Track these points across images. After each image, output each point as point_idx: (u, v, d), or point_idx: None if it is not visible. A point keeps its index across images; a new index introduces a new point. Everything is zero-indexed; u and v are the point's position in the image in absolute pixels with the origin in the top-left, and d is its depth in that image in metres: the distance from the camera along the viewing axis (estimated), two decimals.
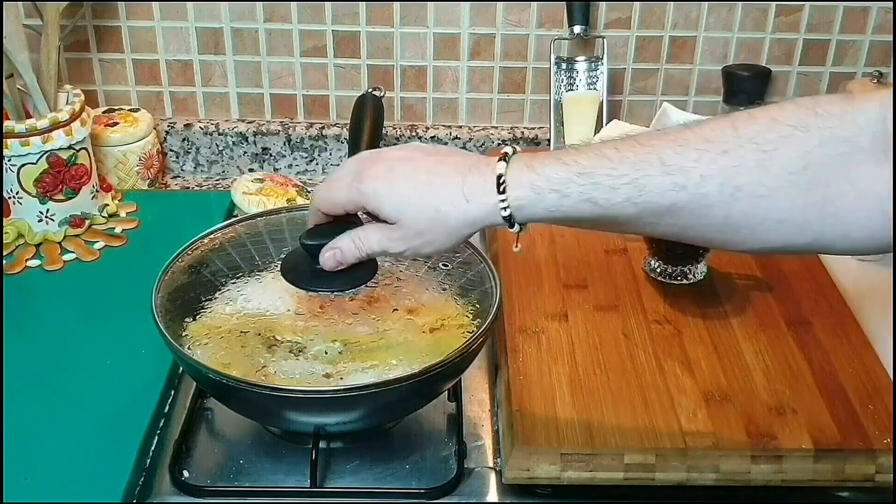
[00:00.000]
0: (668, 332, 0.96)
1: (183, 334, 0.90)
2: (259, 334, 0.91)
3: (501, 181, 0.70)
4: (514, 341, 0.94)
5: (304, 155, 1.38)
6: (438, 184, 0.72)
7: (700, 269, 1.05)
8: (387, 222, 0.74)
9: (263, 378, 0.86)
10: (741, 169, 0.64)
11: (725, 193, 0.64)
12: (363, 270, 0.83)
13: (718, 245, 0.73)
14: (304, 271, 0.83)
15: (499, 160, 0.71)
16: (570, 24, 1.29)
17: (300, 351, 0.89)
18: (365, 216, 0.80)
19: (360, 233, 0.77)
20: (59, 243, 1.14)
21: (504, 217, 0.70)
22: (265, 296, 0.98)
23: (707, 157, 0.65)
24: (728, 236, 0.68)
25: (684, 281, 1.05)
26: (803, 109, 0.64)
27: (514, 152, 0.71)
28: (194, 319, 0.92)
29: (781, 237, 0.66)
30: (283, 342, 0.90)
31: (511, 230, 0.72)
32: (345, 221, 0.79)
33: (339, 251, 0.78)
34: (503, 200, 0.70)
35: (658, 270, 1.05)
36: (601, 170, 0.67)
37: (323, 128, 1.37)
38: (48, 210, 1.14)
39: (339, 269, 0.80)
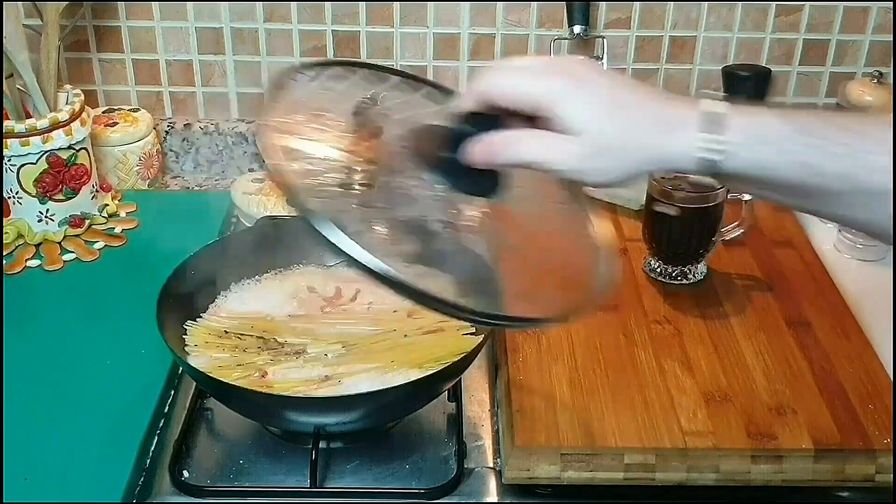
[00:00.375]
0: (668, 332, 0.96)
1: (184, 336, 0.90)
2: (260, 336, 0.91)
3: (711, 119, 0.60)
4: (514, 341, 0.94)
5: None
6: (637, 103, 0.62)
7: (700, 269, 1.05)
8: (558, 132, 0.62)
9: (263, 377, 0.86)
10: None
11: None
12: (494, 180, 0.68)
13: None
14: (431, 157, 0.68)
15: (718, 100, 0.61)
16: (570, 24, 1.29)
17: (300, 353, 0.89)
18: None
19: (523, 134, 0.64)
20: (59, 243, 1.14)
21: (704, 160, 0.60)
22: (266, 298, 0.99)
23: None
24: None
25: (684, 281, 1.05)
26: None
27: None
28: (195, 321, 0.93)
29: None
30: (283, 344, 0.91)
31: (702, 179, 0.63)
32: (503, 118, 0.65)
33: (492, 147, 0.64)
34: (706, 140, 0.60)
35: (658, 270, 1.05)
36: (825, 132, 0.60)
37: None
38: (48, 210, 1.14)
39: (478, 168, 0.65)
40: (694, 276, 1.05)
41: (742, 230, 1.06)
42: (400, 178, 0.70)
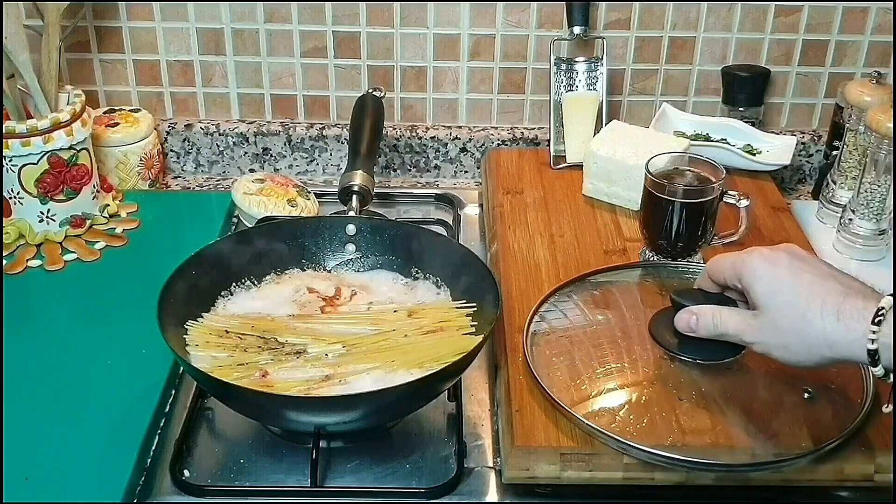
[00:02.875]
0: None
1: (185, 336, 0.91)
2: (260, 336, 0.92)
3: (881, 312, 0.67)
4: (513, 341, 0.94)
5: (305, 155, 1.38)
6: (817, 292, 0.71)
7: (696, 261, 1.06)
8: (752, 309, 0.75)
9: (264, 377, 0.86)
10: None
11: None
12: (730, 347, 0.85)
13: None
14: (671, 332, 0.88)
15: (877, 311, 0.68)
16: (570, 25, 1.29)
17: (300, 353, 0.90)
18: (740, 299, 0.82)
19: (722, 311, 0.79)
20: (60, 243, 1.14)
21: (869, 350, 0.67)
22: (266, 298, 0.99)
23: None
24: None
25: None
26: None
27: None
28: (196, 321, 0.93)
29: None
30: (284, 344, 0.91)
31: (874, 370, 0.69)
32: (724, 297, 0.83)
33: (696, 318, 0.81)
34: (874, 332, 0.67)
35: (654, 262, 1.06)
36: None
37: (323, 128, 1.37)
38: (49, 210, 1.14)
39: (693, 335, 0.83)
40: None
41: (738, 235, 1.06)
42: None
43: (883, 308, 0.67)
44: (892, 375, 0.69)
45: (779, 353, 0.74)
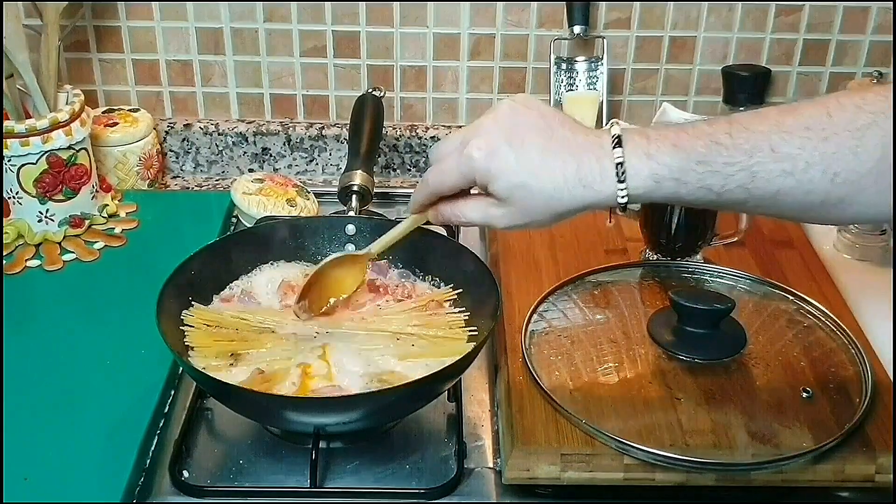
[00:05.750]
0: None
1: (184, 337, 0.90)
2: (260, 334, 0.92)
3: (621, 170, 0.70)
4: (514, 341, 0.94)
5: (304, 155, 1.38)
6: (552, 167, 0.71)
7: (696, 261, 1.06)
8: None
9: (261, 374, 0.86)
10: (839, 156, 0.67)
11: (826, 179, 0.68)
12: (732, 341, 0.88)
13: (806, 221, 0.78)
14: (670, 331, 0.91)
15: (613, 145, 0.70)
16: (570, 24, 1.29)
17: (300, 352, 0.89)
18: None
19: (467, 203, 0.76)
20: (59, 243, 1.14)
21: (620, 203, 0.71)
22: (267, 299, 0.99)
23: (810, 144, 0.68)
24: (819, 215, 0.71)
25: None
26: (880, 97, 0.68)
27: (621, 129, 0.71)
28: (195, 320, 0.93)
29: (867, 215, 0.71)
30: (284, 344, 0.91)
31: (620, 212, 0.73)
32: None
33: (443, 212, 0.78)
34: (622, 189, 0.70)
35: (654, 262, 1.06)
36: (718, 157, 0.69)
37: (323, 128, 1.37)
38: (48, 210, 1.14)
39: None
40: None
41: (739, 236, 1.06)
42: None
43: (620, 163, 0.69)
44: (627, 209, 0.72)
45: (532, 227, 0.75)
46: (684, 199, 0.71)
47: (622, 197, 0.70)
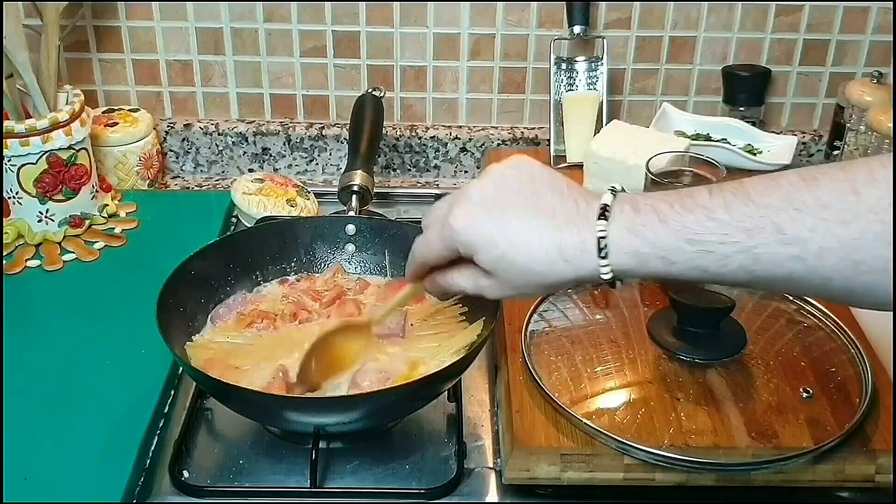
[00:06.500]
0: None
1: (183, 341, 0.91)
2: (259, 334, 0.92)
3: (603, 245, 0.64)
4: (514, 341, 0.94)
5: (304, 155, 1.38)
6: (531, 238, 0.66)
7: None
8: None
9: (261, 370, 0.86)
10: (863, 243, 0.57)
11: (846, 267, 0.58)
12: (732, 341, 0.87)
13: (843, 305, 0.69)
14: (670, 331, 0.91)
15: (599, 216, 0.65)
16: (570, 24, 1.29)
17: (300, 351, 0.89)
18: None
19: (456, 273, 0.74)
20: (59, 243, 1.14)
21: (605, 280, 0.66)
22: (266, 298, 0.99)
23: (824, 226, 0.58)
24: (852, 303, 0.63)
25: None
26: None
27: (614, 196, 0.66)
28: (195, 320, 0.93)
29: None
30: (284, 340, 0.91)
31: (612, 289, 0.69)
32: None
33: (436, 281, 0.76)
34: (605, 266, 0.65)
35: None
36: (712, 236, 0.61)
37: (323, 128, 1.37)
38: (48, 210, 1.14)
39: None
40: None
41: None
42: None
43: (602, 238, 0.64)
44: (619, 283, 0.67)
45: (522, 298, 0.74)
46: (676, 277, 0.64)
47: (605, 274, 0.65)
